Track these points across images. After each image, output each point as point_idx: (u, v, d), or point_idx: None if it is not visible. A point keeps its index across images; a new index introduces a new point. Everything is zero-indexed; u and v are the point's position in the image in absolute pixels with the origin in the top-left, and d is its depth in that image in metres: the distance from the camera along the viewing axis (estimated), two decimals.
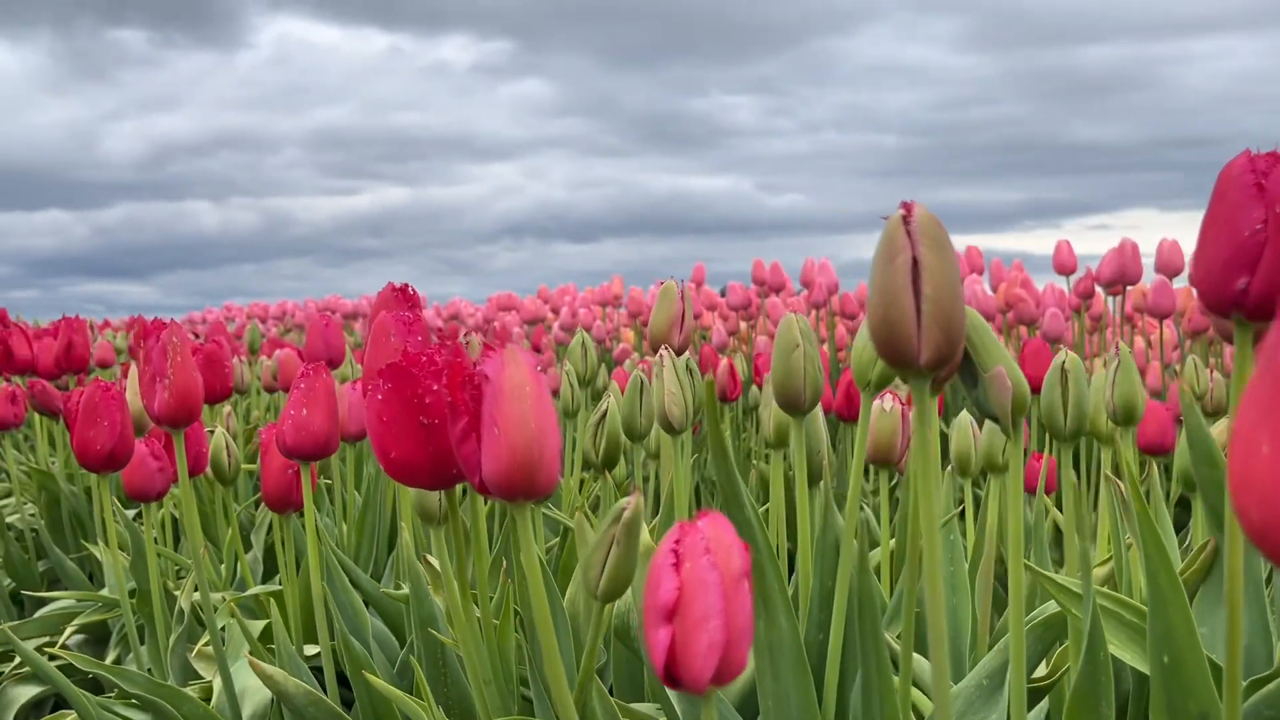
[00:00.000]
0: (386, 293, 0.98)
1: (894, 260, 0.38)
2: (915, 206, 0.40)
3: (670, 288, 0.85)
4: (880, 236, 0.40)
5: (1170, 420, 1.28)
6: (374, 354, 0.84)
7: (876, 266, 0.39)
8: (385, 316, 0.84)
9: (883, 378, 0.59)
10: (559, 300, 4.62)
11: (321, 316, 1.26)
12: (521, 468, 0.51)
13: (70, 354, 1.79)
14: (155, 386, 0.88)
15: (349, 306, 7.33)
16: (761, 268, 3.48)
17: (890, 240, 0.39)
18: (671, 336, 0.85)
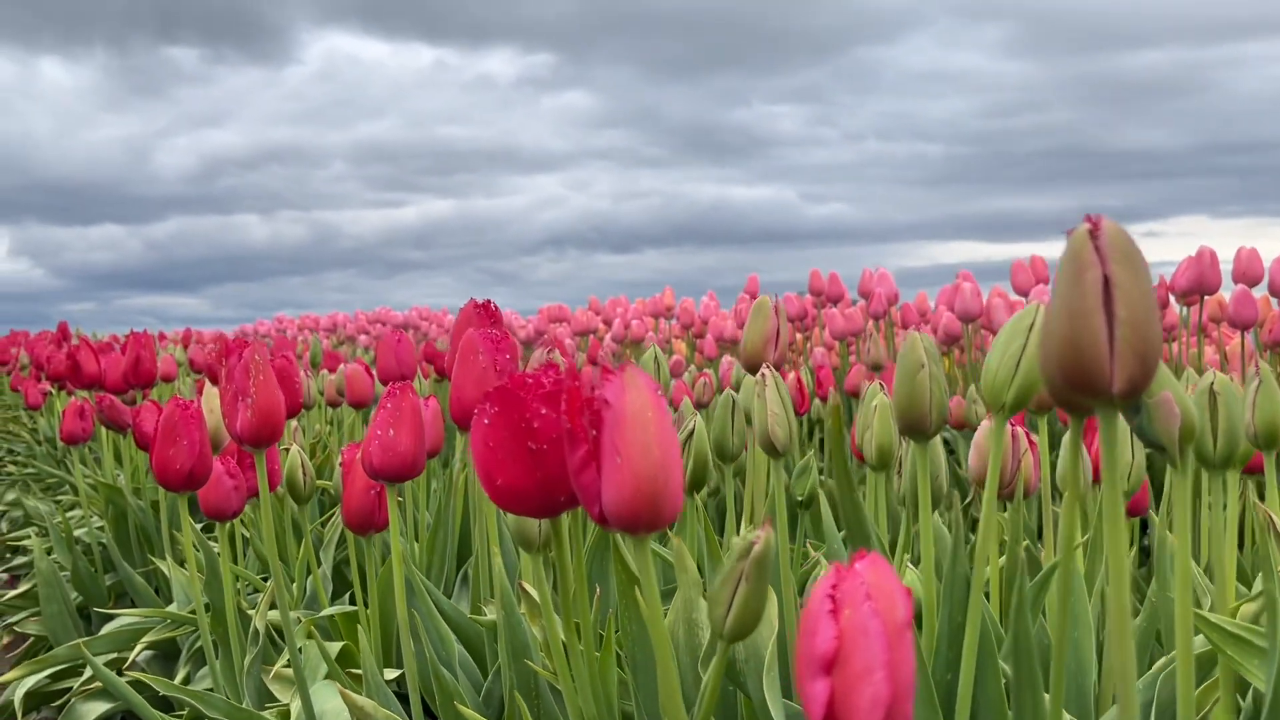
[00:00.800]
0: (469, 309, 0.96)
1: (1082, 278, 0.35)
2: (1103, 220, 0.36)
3: (764, 303, 0.82)
4: (1064, 252, 0.36)
5: None
6: (462, 372, 0.81)
7: (1061, 285, 0.36)
8: (473, 334, 0.81)
9: (1019, 400, 0.56)
10: (610, 312, 4.61)
11: (394, 333, 1.24)
12: (645, 498, 0.48)
13: (138, 369, 1.79)
14: (237, 405, 0.87)
15: (399, 318, 7.38)
16: (819, 278, 3.43)
17: (1076, 256, 0.35)
18: (766, 353, 0.82)
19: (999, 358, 0.56)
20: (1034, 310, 0.57)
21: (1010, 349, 0.56)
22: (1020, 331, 0.57)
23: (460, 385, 0.81)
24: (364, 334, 7.40)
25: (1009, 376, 0.56)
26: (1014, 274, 2.82)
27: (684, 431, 0.92)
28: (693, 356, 4.34)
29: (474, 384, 0.81)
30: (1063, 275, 0.36)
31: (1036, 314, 0.57)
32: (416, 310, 7.38)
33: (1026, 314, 0.57)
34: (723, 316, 4.13)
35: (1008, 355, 0.56)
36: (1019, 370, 0.56)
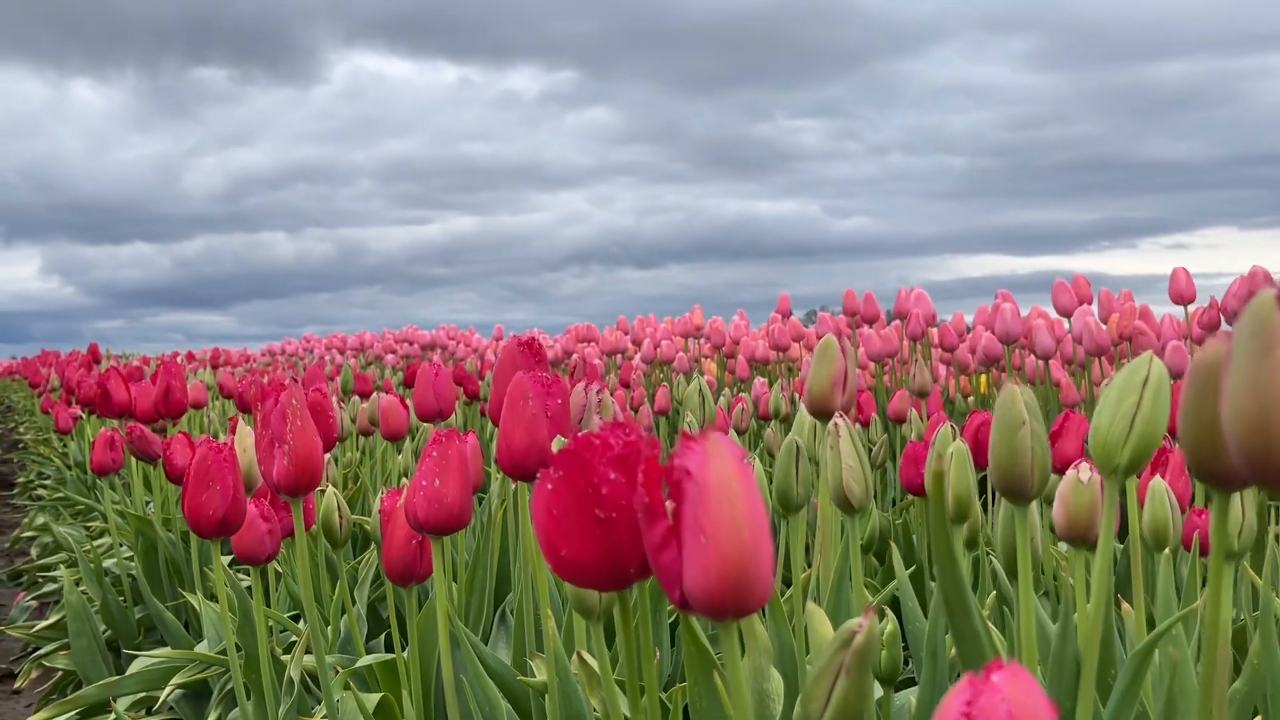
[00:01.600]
0: (513, 348, 0.92)
1: (1270, 355, 0.30)
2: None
3: (831, 343, 0.77)
4: (1245, 320, 0.31)
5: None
6: (511, 420, 0.77)
7: (1244, 358, 0.31)
8: (521, 379, 0.77)
9: (1134, 463, 0.51)
10: (640, 332, 4.56)
11: (431, 367, 1.20)
12: (733, 581, 0.44)
13: (169, 399, 1.77)
14: (274, 452, 0.83)
15: (426, 338, 7.37)
16: (853, 298, 3.38)
17: (1263, 327, 0.30)
18: (834, 398, 0.77)
19: (1110, 416, 0.51)
20: (1146, 363, 0.52)
21: (1123, 407, 0.51)
22: (1133, 387, 0.52)
23: (509, 434, 0.76)
24: (391, 353, 7.40)
25: (1122, 437, 0.51)
26: (1055, 294, 2.75)
27: None
28: (724, 377, 4.29)
29: (524, 432, 0.76)
30: (1245, 347, 0.31)
31: (1150, 368, 0.52)
32: (444, 330, 7.37)
33: (1138, 367, 0.52)
34: (753, 336, 4.08)
35: (1120, 414, 0.51)
36: (1134, 430, 0.51)
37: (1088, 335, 2.47)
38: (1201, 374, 0.41)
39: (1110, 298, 2.72)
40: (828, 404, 0.77)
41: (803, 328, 3.80)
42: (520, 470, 0.77)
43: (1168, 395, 0.52)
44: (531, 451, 0.76)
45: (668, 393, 2.52)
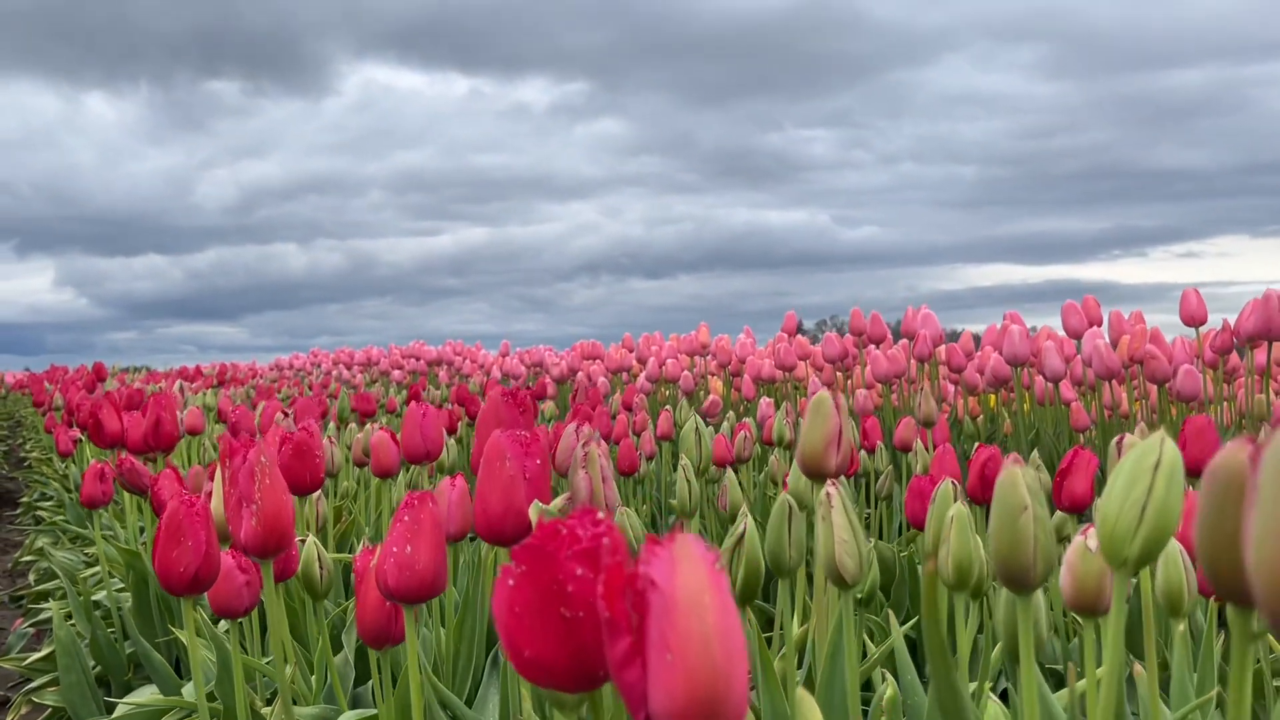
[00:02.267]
0: (496, 400, 0.88)
1: None
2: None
3: (824, 400, 0.73)
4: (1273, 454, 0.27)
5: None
6: (487, 481, 0.73)
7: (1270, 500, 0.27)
8: (499, 438, 0.73)
9: (1145, 556, 0.47)
10: (645, 350, 4.53)
11: (418, 408, 1.17)
12: (702, 704, 0.40)
13: (159, 431, 1.73)
14: (242, 512, 0.79)
15: (433, 354, 7.34)
16: (860, 317, 3.33)
17: None
18: (828, 458, 0.73)
19: (1119, 505, 0.47)
20: (1158, 446, 0.48)
21: (1132, 495, 0.47)
22: (1144, 473, 0.48)
23: (485, 497, 0.73)
24: (398, 369, 7.37)
25: (1132, 528, 0.47)
26: (1065, 315, 2.71)
27: (733, 536, 0.83)
28: (730, 396, 4.24)
29: (500, 494, 0.73)
30: (1275, 489, 0.27)
31: (1162, 451, 0.48)
32: (450, 345, 7.35)
33: (1148, 451, 0.48)
34: (760, 355, 4.04)
35: (1129, 502, 0.47)
36: (1144, 520, 0.47)
37: (1097, 358, 2.42)
38: (1220, 484, 0.37)
39: (1121, 319, 2.68)
40: (822, 466, 0.73)
41: (809, 346, 3.75)
42: (497, 536, 0.73)
43: (1181, 481, 0.48)
44: (508, 516, 0.73)
45: (670, 417, 2.48)
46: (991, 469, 1.59)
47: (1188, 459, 1.40)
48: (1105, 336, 2.62)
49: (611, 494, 0.87)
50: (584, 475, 0.86)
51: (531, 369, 5.76)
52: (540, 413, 3.33)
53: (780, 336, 3.88)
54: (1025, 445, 2.71)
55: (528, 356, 6.19)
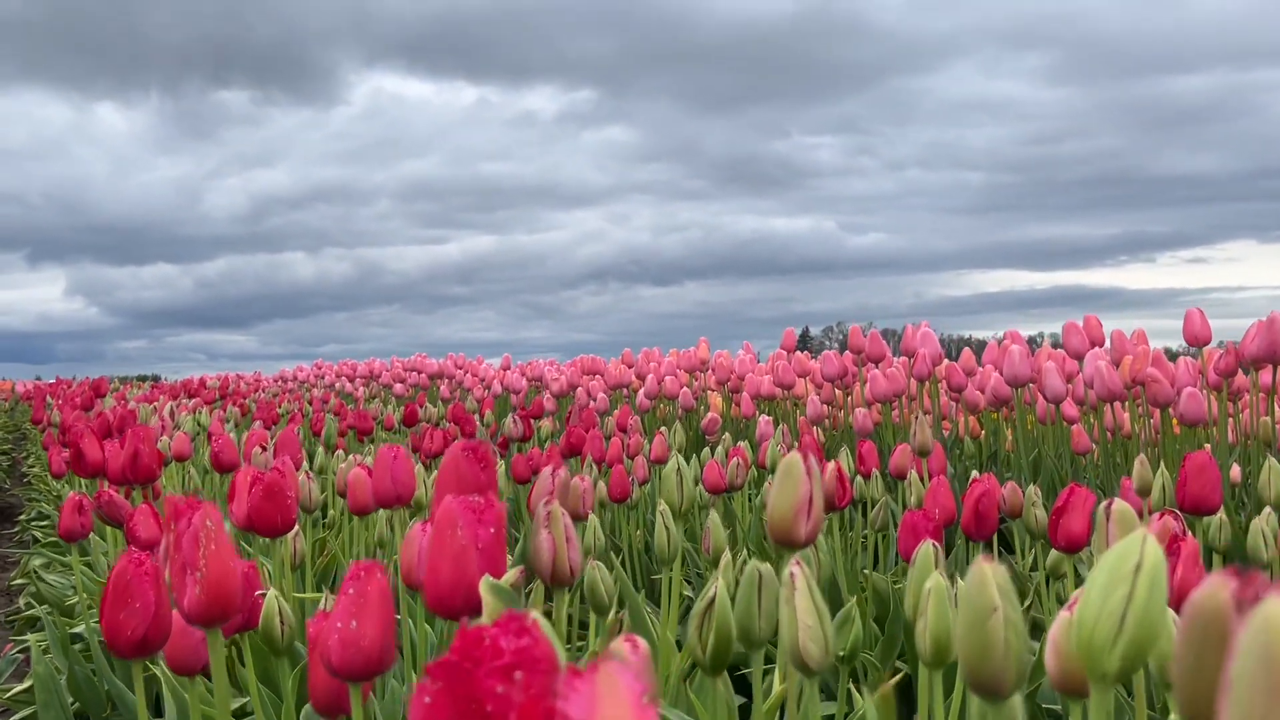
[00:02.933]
0: (456, 455, 0.84)
1: None
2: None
3: (794, 464, 0.69)
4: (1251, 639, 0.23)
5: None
6: (437, 553, 0.69)
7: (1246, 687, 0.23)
8: (450, 505, 0.69)
9: (1125, 667, 0.43)
10: (644, 366, 4.49)
11: (388, 450, 1.13)
12: None
13: (136, 465, 1.70)
14: (185, 579, 0.75)
15: (434, 367, 7.31)
16: (859, 335, 3.29)
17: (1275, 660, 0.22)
18: (798, 527, 0.69)
19: (1096, 612, 0.43)
20: (1139, 547, 0.44)
21: (1110, 601, 0.43)
22: (1123, 577, 0.44)
23: (434, 568, 0.69)
24: (399, 383, 7.34)
25: (1111, 637, 0.43)
26: (1066, 335, 2.66)
27: (704, 599, 0.79)
28: (730, 412, 4.20)
29: (451, 567, 0.69)
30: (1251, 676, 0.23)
31: (1143, 553, 0.44)
32: (451, 359, 7.31)
33: (1128, 552, 0.44)
34: (760, 371, 4.00)
35: (1108, 610, 0.43)
36: (1124, 629, 0.43)
37: (1099, 380, 2.38)
38: (1199, 626, 0.33)
39: (1123, 339, 2.63)
40: (791, 535, 0.69)
41: (809, 363, 3.71)
42: (447, 610, 0.69)
43: (1165, 584, 0.44)
44: (458, 591, 0.69)
45: (664, 441, 2.44)
46: (986, 504, 1.55)
47: (1188, 497, 1.36)
48: (1107, 357, 2.57)
49: (575, 556, 0.83)
50: (546, 536, 0.82)
51: (532, 383, 5.73)
52: (536, 432, 3.29)
53: (779, 354, 3.84)
54: (1026, 467, 2.66)
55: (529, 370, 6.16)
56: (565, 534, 0.82)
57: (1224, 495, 2.13)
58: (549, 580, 0.82)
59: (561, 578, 0.82)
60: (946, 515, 1.60)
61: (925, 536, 1.55)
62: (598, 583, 0.94)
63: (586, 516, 1.49)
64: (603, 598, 0.94)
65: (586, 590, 0.94)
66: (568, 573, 0.82)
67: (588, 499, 1.54)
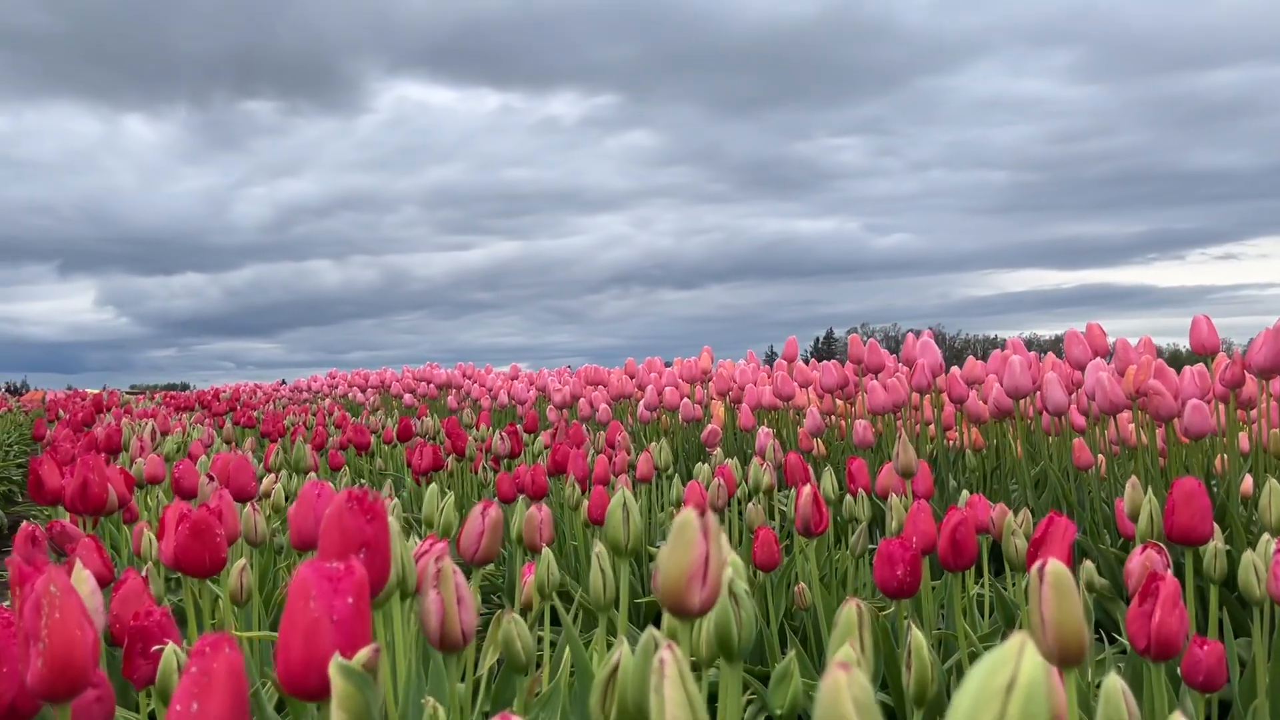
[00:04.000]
0: (340, 507, 0.77)
1: None
2: None
3: (688, 523, 0.62)
4: None
5: None
6: (289, 625, 0.62)
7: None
8: (305, 573, 0.62)
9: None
10: (645, 377, 4.42)
11: (313, 487, 1.06)
12: None
13: (85, 495, 1.64)
14: (30, 651, 0.69)
15: (443, 377, 7.27)
16: (858, 345, 3.20)
17: None
18: (689, 595, 0.61)
19: None
20: (1013, 659, 0.36)
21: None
22: (992, 695, 0.36)
23: (286, 643, 0.62)
24: (409, 393, 7.31)
25: None
26: (1069, 345, 2.57)
27: (608, 666, 0.71)
28: (733, 422, 4.12)
29: (302, 642, 0.62)
30: None
31: (1017, 668, 0.36)
32: (460, 369, 7.27)
33: (1000, 665, 0.36)
34: (761, 382, 3.91)
35: None
36: None
37: (1101, 392, 2.28)
38: None
39: (1128, 348, 2.53)
40: (682, 603, 0.62)
41: (809, 373, 3.63)
42: (301, 691, 0.62)
43: (1044, 706, 0.36)
44: (310, 669, 0.61)
45: (650, 459, 2.36)
46: (963, 534, 1.46)
47: (1176, 526, 1.27)
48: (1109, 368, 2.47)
49: (468, 619, 0.75)
50: (435, 597, 0.75)
51: (539, 393, 5.67)
52: (527, 448, 3.22)
53: (780, 364, 3.76)
54: (1029, 482, 2.56)
55: (536, 380, 6.10)
56: (456, 594, 0.75)
57: (1234, 511, 2.03)
58: (438, 646, 0.75)
59: (451, 642, 0.75)
60: (927, 542, 1.52)
61: (901, 566, 1.47)
62: (513, 639, 0.86)
63: (541, 549, 1.42)
64: (518, 655, 0.86)
65: (502, 647, 0.87)
66: (458, 637, 0.75)
67: (545, 529, 1.47)
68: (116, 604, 1.15)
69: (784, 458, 2.98)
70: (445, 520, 1.37)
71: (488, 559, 1.11)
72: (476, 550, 1.07)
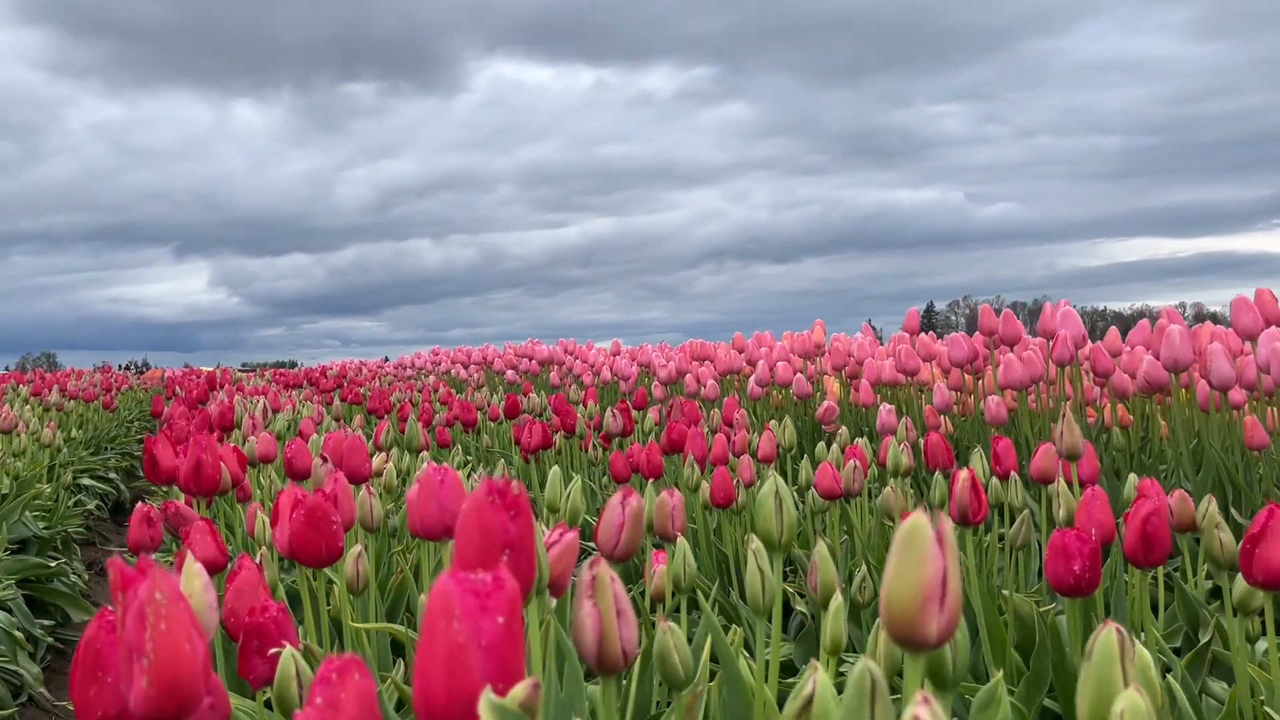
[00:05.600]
0: (480, 500, 0.66)
1: None
2: None
3: (919, 532, 0.49)
4: None
5: None
6: (428, 647, 0.52)
7: None
8: (447, 585, 0.51)
9: None
10: (755, 351, 4.26)
11: (435, 472, 0.96)
12: None
13: (199, 476, 1.59)
14: (132, 668, 0.59)
15: (545, 353, 7.24)
16: (990, 315, 3.00)
17: None
18: (925, 622, 0.48)
19: None
20: None
21: None
22: None
23: (425, 670, 0.51)
24: (511, 369, 7.29)
25: None
26: (1236, 313, 2.33)
27: (799, 698, 0.59)
28: (848, 399, 3.94)
29: (443, 671, 0.51)
30: None
31: None
32: (562, 344, 7.22)
33: None
34: (880, 355, 3.73)
35: None
36: None
37: (1277, 364, 2.06)
38: None
39: None
40: (916, 633, 0.49)
41: (934, 346, 3.43)
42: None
43: None
44: (455, 704, 0.51)
45: (773, 438, 2.23)
46: (1156, 525, 1.29)
47: None
48: None
49: (629, 635, 0.64)
50: (590, 610, 0.64)
51: (641, 369, 5.56)
52: (639, 425, 3.11)
53: (902, 336, 3.57)
54: (1188, 461, 2.35)
55: (639, 355, 6.00)
56: (615, 605, 0.63)
57: None
58: (595, 665, 0.64)
59: (611, 662, 0.63)
60: (1105, 534, 1.35)
61: (1078, 561, 1.31)
62: (670, 651, 0.75)
63: (675, 538, 1.30)
64: (675, 672, 0.75)
65: (656, 661, 0.75)
66: (618, 656, 0.63)
67: (677, 517, 1.35)
68: (231, 596, 1.07)
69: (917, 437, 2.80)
70: (572, 506, 1.27)
71: (628, 554, 1.00)
72: (616, 544, 0.96)
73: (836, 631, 0.98)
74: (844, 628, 0.99)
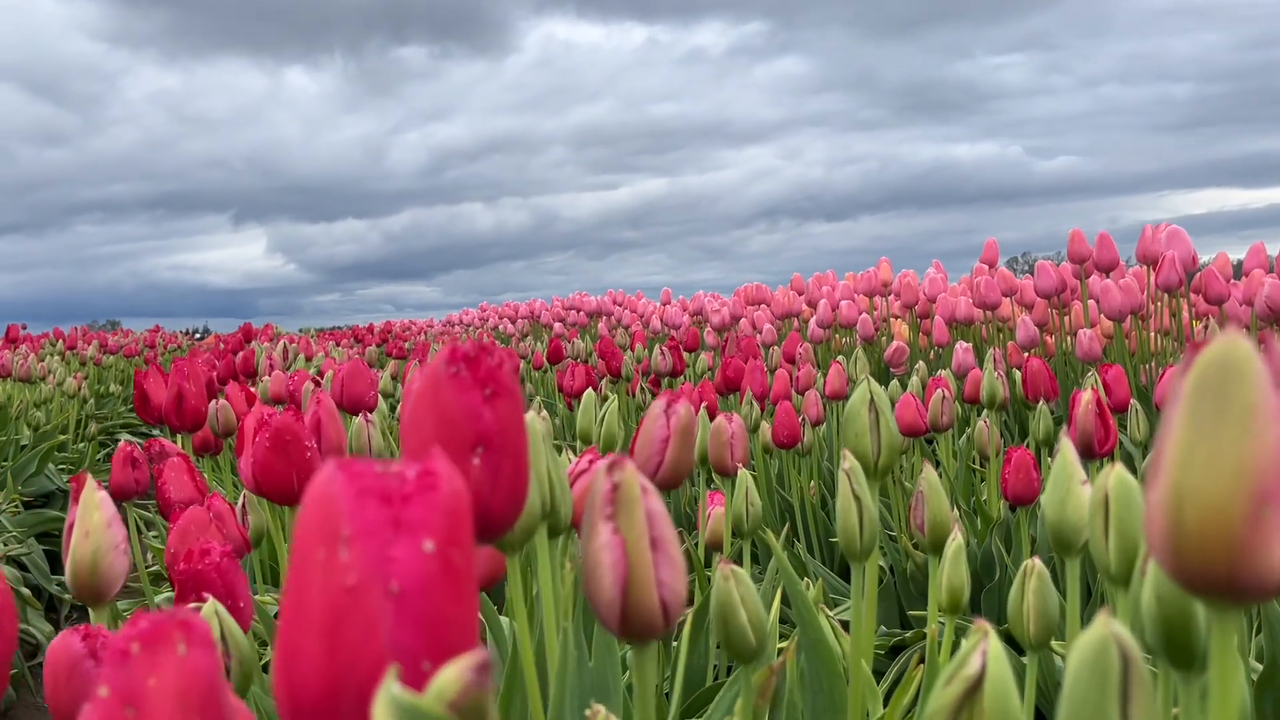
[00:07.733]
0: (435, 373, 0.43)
1: None
2: None
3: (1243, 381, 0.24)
4: None
5: None
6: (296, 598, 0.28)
7: None
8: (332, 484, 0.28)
9: None
10: (815, 291, 3.97)
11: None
12: None
13: (181, 408, 1.38)
14: None
15: (593, 304, 7.02)
16: (1082, 240, 2.70)
17: None
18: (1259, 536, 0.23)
19: None
20: None
21: None
22: None
23: (290, 637, 0.27)
24: (559, 321, 7.08)
25: None
26: None
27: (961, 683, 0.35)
28: (917, 341, 3.66)
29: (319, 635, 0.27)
30: None
31: None
32: (611, 295, 6.98)
33: None
34: (953, 292, 3.44)
35: None
36: None
37: None
38: None
39: None
40: (1238, 558, 0.24)
41: (1014, 279, 3.13)
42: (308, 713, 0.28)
43: None
44: (335, 693, 0.27)
45: (842, 371, 1.97)
46: None
47: None
48: None
49: (670, 576, 0.40)
50: (610, 538, 0.40)
51: (693, 317, 5.31)
52: (691, 366, 2.87)
53: (979, 269, 3.27)
54: None
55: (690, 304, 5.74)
56: (649, 530, 0.39)
57: None
58: (618, 628, 0.40)
59: (642, 622, 0.39)
60: None
61: None
62: (736, 608, 0.50)
63: (736, 471, 1.06)
64: (744, 635, 0.50)
65: (715, 621, 0.51)
66: (655, 611, 0.39)
67: (737, 446, 1.11)
68: (174, 538, 0.86)
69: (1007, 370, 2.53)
70: (607, 432, 1.03)
71: (673, 480, 0.76)
72: (660, 464, 0.72)
73: (956, 581, 0.73)
74: (965, 577, 0.74)
